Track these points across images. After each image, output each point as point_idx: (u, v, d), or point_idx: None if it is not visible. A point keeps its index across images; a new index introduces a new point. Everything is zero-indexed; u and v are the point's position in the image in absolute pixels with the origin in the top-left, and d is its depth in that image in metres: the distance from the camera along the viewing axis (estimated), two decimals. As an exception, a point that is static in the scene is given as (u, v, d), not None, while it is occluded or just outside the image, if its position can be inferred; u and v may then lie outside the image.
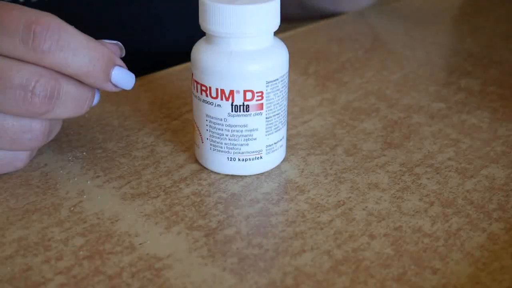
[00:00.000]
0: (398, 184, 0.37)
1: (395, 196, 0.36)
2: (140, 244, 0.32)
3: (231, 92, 0.35)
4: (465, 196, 0.36)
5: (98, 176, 0.38)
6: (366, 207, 0.35)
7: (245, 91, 0.35)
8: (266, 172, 0.38)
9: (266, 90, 0.36)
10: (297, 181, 0.38)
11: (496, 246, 0.32)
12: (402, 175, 0.38)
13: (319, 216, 0.35)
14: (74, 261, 0.31)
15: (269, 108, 0.36)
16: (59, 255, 0.32)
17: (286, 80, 0.37)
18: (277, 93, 0.36)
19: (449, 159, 0.40)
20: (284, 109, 0.37)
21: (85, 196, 0.36)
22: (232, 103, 0.35)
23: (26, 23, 0.32)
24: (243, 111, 0.36)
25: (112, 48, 0.36)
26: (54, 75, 0.33)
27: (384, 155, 0.40)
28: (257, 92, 0.35)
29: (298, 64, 0.54)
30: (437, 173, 0.39)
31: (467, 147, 0.41)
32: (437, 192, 0.37)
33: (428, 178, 0.38)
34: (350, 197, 0.36)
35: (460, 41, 0.61)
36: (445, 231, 0.33)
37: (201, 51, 0.36)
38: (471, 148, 0.41)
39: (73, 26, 0.33)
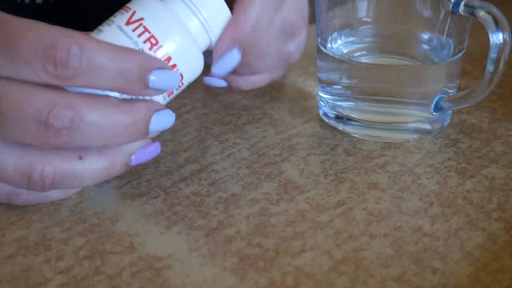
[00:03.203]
0: (398, 184, 0.37)
1: (395, 196, 0.36)
2: (140, 244, 0.33)
3: None
4: (465, 196, 0.36)
5: (98, 176, 0.38)
6: (366, 207, 0.35)
7: None
8: (267, 172, 0.38)
9: None
10: (297, 181, 0.38)
11: (496, 246, 0.32)
12: (402, 175, 0.38)
13: (319, 216, 0.35)
14: (74, 261, 0.31)
15: None
16: (59, 255, 0.32)
17: None
18: None
19: (449, 159, 0.40)
20: None
21: (85, 196, 0.36)
22: None
23: (44, 50, 0.29)
24: None
25: None
26: (71, 103, 0.30)
27: (384, 155, 0.40)
28: None
29: (298, 64, 0.54)
30: (437, 173, 0.39)
31: (467, 147, 0.41)
32: (437, 192, 0.37)
33: (428, 178, 0.38)
34: (350, 197, 0.36)
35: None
36: (445, 231, 0.33)
37: None
38: (471, 148, 0.41)
39: (95, 39, 0.31)
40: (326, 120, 0.44)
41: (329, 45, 0.43)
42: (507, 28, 0.37)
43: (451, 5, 0.39)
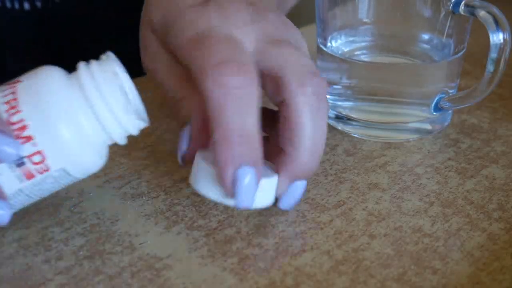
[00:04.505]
0: (398, 184, 0.37)
1: (395, 196, 0.36)
2: (140, 244, 0.32)
3: None
4: (465, 196, 0.36)
5: (98, 176, 0.38)
6: (366, 207, 0.35)
7: None
8: (266, 172, 0.38)
9: None
10: (297, 181, 0.38)
11: (496, 246, 0.32)
12: (402, 175, 0.38)
13: (319, 216, 0.35)
14: (74, 261, 0.31)
15: None
16: (59, 255, 0.32)
17: None
18: None
19: (449, 159, 0.40)
20: None
21: (85, 196, 0.36)
22: None
23: None
24: None
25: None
26: None
27: (384, 155, 0.40)
28: None
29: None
30: (437, 173, 0.39)
31: (467, 147, 0.41)
32: (437, 192, 0.37)
33: (428, 178, 0.38)
34: (350, 197, 0.36)
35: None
36: (445, 231, 0.33)
37: None
38: (471, 148, 0.41)
39: None
40: (326, 120, 0.44)
41: (329, 44, 0.43)
42: (507, 28, 0.37)
43: (451, 5, 0.39)
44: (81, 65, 0.31)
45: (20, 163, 0.29)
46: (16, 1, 0.52)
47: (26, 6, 0.52)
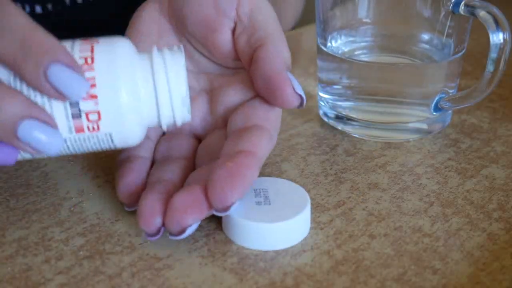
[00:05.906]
0: (398, 184, 0.37)
1: (395, 196, 0.36)
2: (140, 244, 0.33)
3: None
4: (465, 196, 0.36)
5: (98, 176, 0.38)
6: (366, 207, 0.35)
7: None
8: (267, 172, 0.38)
9: None
10: (297, 181, 0.38)
11: (496, 246, 0.32)
12: (402, 175, 0.38)
13: (319, 216, 0.35)
14: (74, 261, 0.31)
15: None
16: (59, 255, 0.32)
17: None
18: None
19: (449, 159, 0.40)
20: None
21: (85, 196, 0.36)
22: None
23: None
24: None
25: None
26: None
27: (384, 155, 0.40)
28: None
29: (298, 64, 0.54)
30: (437, 173, 0.39)
31: (467, 147, 0.41)
32: (437, 192, 0.37)
33: (428, 178, 0.38)
34: (350, 197, 0.36)
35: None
36: (445, 231, 0.33)
37: None
38: (471, 148, 0.41)
39: (16, 6, 0.29)
40: (326, 120, 0.44)
41: (329, 44, 0.43)
42: (507, 28, 0.37)
43: (451, 5, 0.39)
44: (155, 49, 0.32)
45: (77, 115, 0.30)
46: (27, 4, 0.52)
47: (38, 9, 0.52)
